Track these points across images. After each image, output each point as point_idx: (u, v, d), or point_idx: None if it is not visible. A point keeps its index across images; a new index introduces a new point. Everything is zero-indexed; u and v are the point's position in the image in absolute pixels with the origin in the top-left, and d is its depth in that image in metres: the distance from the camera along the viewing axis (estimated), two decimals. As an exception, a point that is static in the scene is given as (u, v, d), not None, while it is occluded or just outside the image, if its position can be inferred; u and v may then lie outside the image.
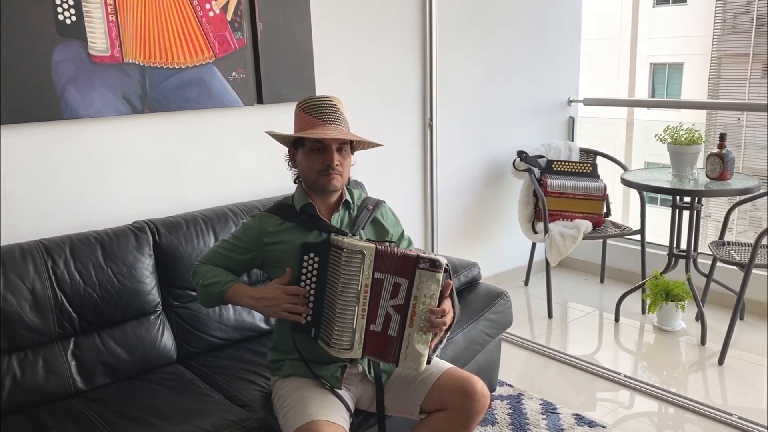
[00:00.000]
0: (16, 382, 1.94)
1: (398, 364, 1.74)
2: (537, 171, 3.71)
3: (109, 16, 2.27)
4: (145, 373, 2.15)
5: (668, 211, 3.39)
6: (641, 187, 3.30)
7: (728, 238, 3.34)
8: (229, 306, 2.35)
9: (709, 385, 2.84)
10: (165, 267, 2.27)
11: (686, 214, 3.32)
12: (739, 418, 2.54)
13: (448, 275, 1.77)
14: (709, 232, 7.38)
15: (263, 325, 2.43)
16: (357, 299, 1.72)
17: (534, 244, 3.96)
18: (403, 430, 2.05)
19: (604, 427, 2.51)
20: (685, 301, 3.27)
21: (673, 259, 3.39)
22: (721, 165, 3.12)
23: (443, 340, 1.81)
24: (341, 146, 1.85)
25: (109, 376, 2.09)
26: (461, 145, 3.65)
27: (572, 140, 4.21)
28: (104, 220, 2.38)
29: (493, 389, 2.72)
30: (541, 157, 3.78)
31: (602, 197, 3.59)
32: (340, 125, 1.83)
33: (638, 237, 3.69)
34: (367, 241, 1.79)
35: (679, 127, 3.22)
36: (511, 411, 2.62)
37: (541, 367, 3.04)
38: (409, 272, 1.71)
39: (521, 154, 3.72)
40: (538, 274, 4.05)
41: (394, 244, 1.87)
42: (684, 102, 7.17)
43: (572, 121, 4.20)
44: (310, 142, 1.82)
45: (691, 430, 2.53)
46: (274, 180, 2.83)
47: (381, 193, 2.92)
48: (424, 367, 1.76)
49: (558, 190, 3.61)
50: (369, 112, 3.17)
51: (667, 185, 3.17)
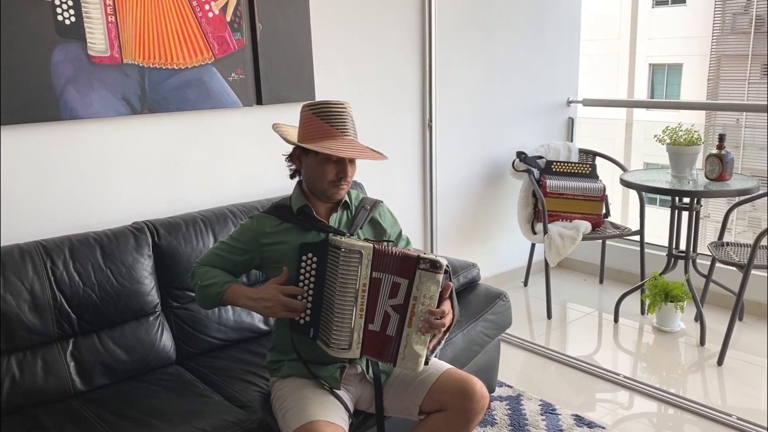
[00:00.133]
0: (15, 383, 1.94)
1: (396, 365, 1.74)
2: (536, 172, 3.71)
3: (109, 16, 2.27)
4: (145, 374, 2.15)
5: (667, 212, 3.40)
6: (640, 188, 3.31)
7: (727, 238, 3.34)
8: (228, 307, 2.35)
9: (709, 386, 2.84)
10: (164, 268, 2.27)
11: (685, 215, 3.32)
12: (738, 419, 2.54)
13: (449, 276, 1.77)
14: (708, 233, 7.39)
15: (262, 326, 2.43)
16: (355, 299, 1.72)
17: (533, 245, 3.97)
18: (402, 430, 2.05)
19: (603, 428, 2.51)
20: (685, 302, 3.27)
21: (673, 259, 3.39)
22: (720, 166, 3.12)
23: (442, 341, 1.81)
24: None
25: (108, 377, 2.09)
26: (460, 146, 3.65)
27: (571, 141, 4.21)
28: (103, 221, 2.38)
29: (492, 390, 2.72)
30: (541, 157, 3.78)
31: (601, 198, 3.59)
32: (354, 136, 1.83)
33: (637, 238, 3.69)
34: (365, 240, 1.79)
35: (678, 128, 3.22)
36: (510, 412, 2.62)
37: (541, 367, 3.04)
38: (409, 272, 1.71)
39: (520, 155, 3.72)
40: (538, 275, 4.05)
41: (392, 243, 1.87)
42: (683, 103, 7.19)
43: (571, 121, 4.20)
44: (325, 153, 1.78)
45: (690, 430, 2.53)
46: (273, 180, 2.83)
47: (380, 193, 2.92)
48: (422, 368, 1.76)
49: (557, 190, 3.61)
50: (368, 112, 3.17)
51: (667, 186, 3.17)
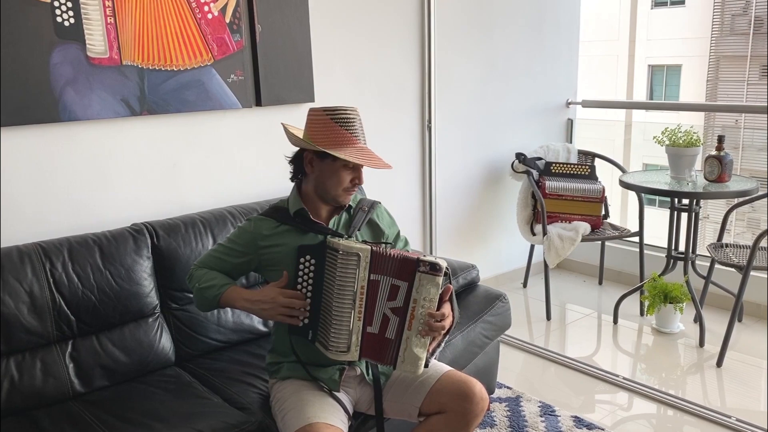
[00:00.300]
0: (14, 385, 1.93)
1: (396, 367, 1.74)
2: (535, 173, 3.71)
3: (108, 18, 2.27)
4: (144, 376, 2.15)
5: (666, 213, 3.40)
6: (640, 189, 3.31)
7: (726, 239, 3.34)
8: (228, 308, 2.35)
9: (708, 388, 2.84)
10: (163, 269, 2.26)
11: (684, 216, 3.32)
12: (738, 420, 2.54)
13: (448, 279, 1.77)
14: (708, 234, 7.39)
15: (261, 328, 2.43)
16: (353, 301, 1.72)
17: (532, 246, 3.97)
18: (401, 432, 2.05)
19: (603, 430, 2.51)
20: (684, 303, 3.27)
21: (672, 261, 3.39)
22: (719, 167, 3.12)
23: (442, 344, 1.81)
24: None
25: (107, 379, 2.09)
26: (460, 147, 3.65)
27: (570, 142, 4.21)
28: (102, 223, 2.38)
29: (491, 391, 2.72)
30: (540, 159, 3.78)
31: (600, 199, 3.59)
32: (365, 143, 1.83)
33: (637, 239, 3.69)
34: (363, 242, 1.79)
35: (677, 130, 3.23)
36: (509, 413, 2.62)
37: (540, 369, 3.04)
38: (409, 275, 1.71)
39: (520, 156, 3.72)
40: (537, 276, 4.05)
41: (390, 245, 1.86)
42: (683, 104, 7.19)
43: (570, 123, 4.20)
44: (343, 159, 1.77)
45: (689, 432, 2.54)
46: (272, 182, 2.83)
47: (380, 194, 2.92)
48: (422, 371, 1.75)
49: (556, 192, 3.61)
50: (368, 113, 3.16)
51: (666, 187, 3.17)
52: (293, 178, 1.93)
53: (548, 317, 3.59)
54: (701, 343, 3.20)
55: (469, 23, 3.53)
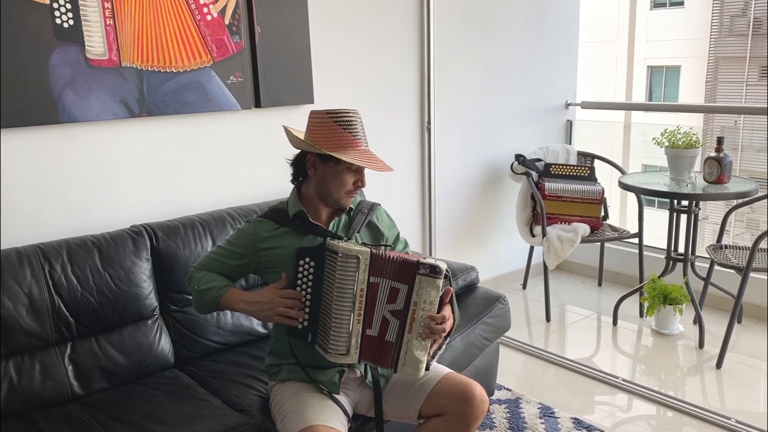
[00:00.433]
0: (13, 387, 1.93)
1: (396, 371, 1.74)
2: (535, 174, 3.71)
3: (107, 19, 2.27)
4: (143, 378, 2.15)
5: (665, 213, 3.40)
6: (639, 191, 3.31)
7: (725, 240, 3.34)
8: (227, 310, 2.34)
9: (707, 389, 2.84)
10: (162, 271, 2.26)
11: (684, 218, 3.32)
12: (738, 422, 2.54)
13: (449, 281, 1.76)
14: (707, 235, 7.39)
15: (261, 329, 2.43)
16: (353, 304, 1.72)
17: (532, 248, 3.96)
18: (401, 434, 2.05)
19: (602, 431, 2.50)
20: (683, 305, 3.27)
21: (671, 262, 3.39)
22: (718, 169, 3.12)
23: (442, 346, 1.81)
24: None
25: (107, 381, 2.08)
26: (459, 149, 3.65)
27: (570, 143, 4.21)
28: (102, 224, 2.38)
29: (491, 393, 2.72)
30: (539, 160, 3.78)
31: (600, 200, 3.59)
32: (367, 146, 1.83)
33: (636, 240, 3.69)
34: (362, 245, 1.78)
35: (676, 131, 3.23)
36: (509, 415, 2.61)
37: (539, 370, 3.04)
38: (409, 278, 1.71)
39: (519, 158, 3.72)
40: (536, 278, 4.05)
41: (389, 247, 1.86)
42: (683, 106, 7.19)
43: (570, 124, 4.20)
44: (347, 162, 1.77)
45: (689, 434, 2.53)
46: (271, 184, 2.82)
47: (379, 196, 2.91)
48: (423, 374, 1.75)
49: (556, 193, 3.61)
50: (367, 115, 3.16)
51: (665, 189, 3.17)
52: (294, 181, 1.93)
53: (548, 319, 3.59)
54: (701, 345, 3.20)
55: (469, 25, 3.53)
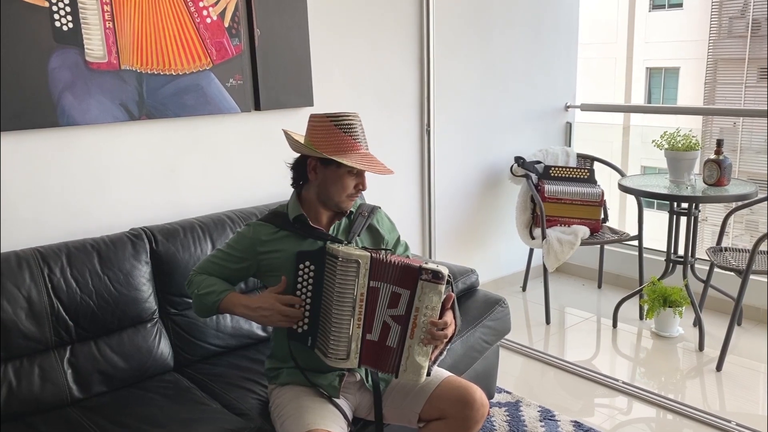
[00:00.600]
0: (12, 390, 1.92)
1: (398, 376, 1.73)
2: (534, 177, 3.71)
3: (106, 22, 2.26)
4: (142, 382, 2.14)
5: (664, 215, 3.40)
6: (639, 193, 3.31)
7: (724, 241, 3.34)
8: (227, 314, 2.34)
9: (707, 392, 2.83)
10: (162, 274, 2.26)
11: (684, 220, 3.32)
12: (738, 424, 2.53)
13: (450, 287, 1.76)
14: (706, 236, 7.40)
15: (260, 333, 2.42)
16: (353, 308, 1.71)
17: (531, 250, 3.96)
18: (401, 438, 2.04)
19: (603, 434, 2.51)
20: (683, 307, 3.27)
21: (671, 264, 3.39)
22: (718, 171, 3.12)
23: (444, 351, 1.80)
24: None
25: (106, 385, 2.08)
26: (459, 151, 3.64)
27: (569, 146, 4.21)
28: (101, 228, 2.37)
29: (491, 396, 2.71)
30: (539, 162, 3.78)
31: (599, 203, 3.59)
32: (368, 149, 1.83)
33: (636, 242, 3.69)
34: (363, 249, 1.78)
35: (676, 133, 3.22)
36: (509, 418, 2.61)
37: (539, 373, 3.04)
38: (411, 283, 1.70)
39: (518, 160, 3.72)
40: (536, 280, 4.05)
41: (390, 251, 1.86)
42: (683, 108, 7.20)
43: (569, 126, 4.20)
44: (348, 165, 1.77)
45: (689, 436, 2.53)
46: (271, 187, 2.82)
47: (379, 199, 2.91)
48: (424, 380, 1.75)
49: (555, 195, 3.61)
50: (366, 117, 3.15)
51: (665, 191, 3.17)
52: (294, 184, 1.92)
53: (547, 321, 3.58)
54: (701, 347, 3.19)
55: (468, 27, 3.53)
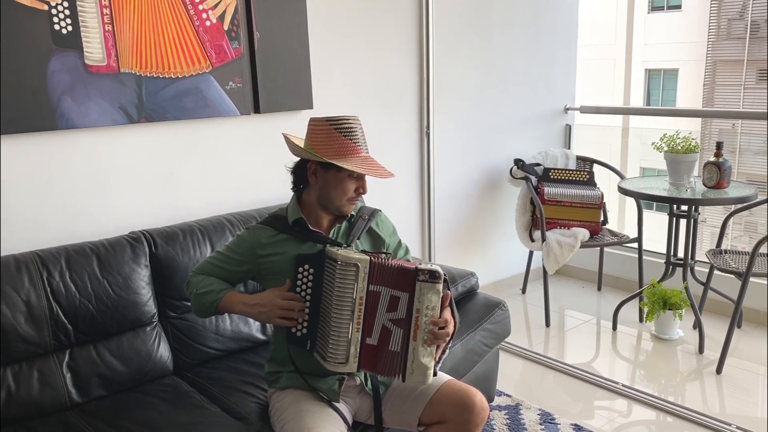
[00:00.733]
0: (11, 395, 1.92)
1: (405, 380, 1.73)
2: (534, 179, 3.71)
3: (106, 25, 2.26)
4: (141, 385, 2.13)
5: (664, 216, 3.40)
6: (639, 196, 3.31)
7: (724, 243, 3.34)
8: (226, 316, 2.34)
9: (707, 394, 2.83)
10: (161, 277, 2.25)
11: (683, 222, 3.32)
12: (738, 427, 2.53)
13: (447, 285, 1.76)
14: (705, 237, 7.40)
15: (260, 336, 2.42)
16: (352, 312, 1.71)
17: (531, 252, 3.96)
18: (401, 442, 2.04)
19: (603, 438, 2.50)
20: (683, 310, 3.26)
21: (671, 267, 3.38)
22: (718, 174, 3.12)
23: (447, 350, 1.80)
24: None
25: (105, 389, 2.07)
26: (458, 153, 3.64)
27: (569, 148, 4.21)
28: (100, 231, 2.37)
29: (491, 400, 2.71)
30: (538, 165, 3.78)
31: (599, 205, 3.59)
32: (368, 152, 1.83)
33: (635, 245, 3.68)
34: (362, 252, 1.78)
35: (675, 136, 3.22)
36: (509, 421, 2.61)
37: (539, 376, 3.03)
38: (409, 285, 1.70)
39: (518, 162, 3.72)
40: (536, 282, 4.05)
41: (390, 255, 1.85)
42: (682, 110, 7.21)
43: (569, 128, 4.20)
44: (348, 169, 1.77)
45: (689, 440, 2.53)
46: (271, 189, 2.82)
47: (378, 201, 2.91)
48: (431, 380, 1.74)
49: (555, 198, 3.61)
50: (366, 120, 3.15)
51: (665, 193, 3.17)
52: (294, 188, 1.92)
53: (547, 323, 3.58)
54: (701, 350, 3.19)
55: (468, 29, 3.53)
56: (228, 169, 2.71)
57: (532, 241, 3.66)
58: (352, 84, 3.10)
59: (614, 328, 3.51)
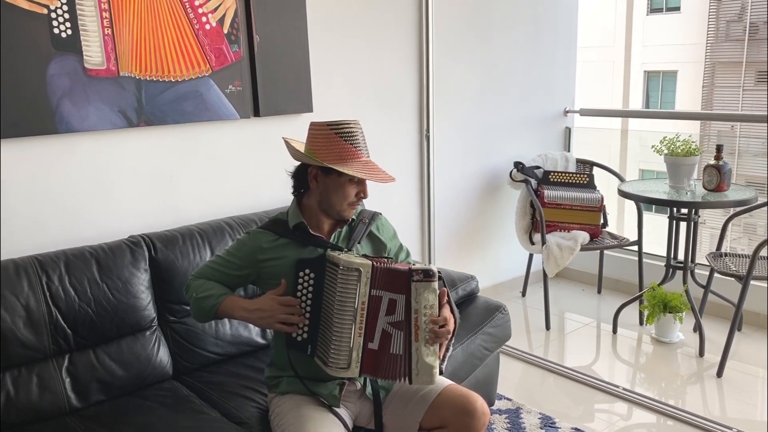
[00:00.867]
0: (10, 400, 1.91)
1: (411, 382, 1.72)
2: (534, 182, 3.70)
3: (105, 29, 2.26)
4: (141, 390, 2.13)
5: (663, 219, 3.40)
6: (639, 199, 3.30)
7: (723, 245, 3.34)
8: (226, 320, 2.33)
9: (708, 398, 2.83)
10: (161, 282, 2.25)
11: (683, 225, 3.32)
12: (738, 431, 2.53)
13: (443, 282, 1.76)
14: (704, 240, 7.39)
15: (260, 340, 2.41)
16: (354, 317, 1.70)
17: (531, 255, 3.96)
18: (401, 446, 2.03)
19: (604, 442, 2.50)
20: (683, 313, 3.26)
21: (671, 270, 3.38)
22: (718, 176, 3.12)
23: (449, 348, 1.80)
24: None
25: (104, 393, 2.07)
26: (458, 156, 3.64)
27: (569, 151, 4.21)
28: (99, 235, 2.36)
29: (491, 403, 2.70)
30: (538, 167, 3.78)
31: (599, 208, 3.59)
32: (369, 156, 1.82)
33: (635, 247, 3.68)
34: (363, 257, 1.77)
35: (675, 139, 3.22)
36: (509, 425, 2.60)
37: (539, 379, 3.03)
38: (404, 287, 1.70)
39: (518, 165, 3.71)
40: (536, 285, 4.05)
41: (392, 260, 1.85)
42: (682, 113, 7.22)
43: (568, 131, 4.20)
44: (349, 174, 1.76)
45: (690, 443, 2.52)
46: (270, 193, 2.81)
47: (377, 204, 2.90)
48: (438, 379, 1.73)
49: (555, 201, 3.61)
50: (366, 123, 3.12)
51: (665, 196, 3.17)
52: (295, 193, 1.91)
53: (547, 327, 3.58)
54: (701, 353, 3.19)
55: (468, 32, 3.53)
56: (228, 172, 2.71)
57: (532, 244, 3.65)
58: (352, 87, 3.09)
59: (614, 331, 3.50)
